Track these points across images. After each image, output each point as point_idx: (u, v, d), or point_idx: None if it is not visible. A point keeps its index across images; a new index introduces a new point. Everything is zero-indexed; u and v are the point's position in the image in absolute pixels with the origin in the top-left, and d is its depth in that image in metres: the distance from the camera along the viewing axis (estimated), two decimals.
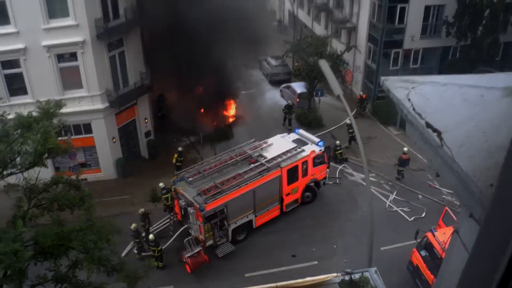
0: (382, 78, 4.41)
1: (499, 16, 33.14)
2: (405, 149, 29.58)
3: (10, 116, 15.62)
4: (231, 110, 37.62)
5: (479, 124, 3.57)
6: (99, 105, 28.52)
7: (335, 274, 9.00)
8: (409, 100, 3.98)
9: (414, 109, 3.85)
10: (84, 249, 13.60)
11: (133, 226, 23.97)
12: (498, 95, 3.85)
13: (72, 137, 28.11)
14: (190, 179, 24.30)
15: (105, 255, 14.01)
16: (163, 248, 23.78)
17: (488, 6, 32.44)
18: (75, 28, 26.48)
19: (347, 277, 8.75)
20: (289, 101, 37.69)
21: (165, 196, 25.26)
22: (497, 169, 3.15)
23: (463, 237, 4.37)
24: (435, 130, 3.56)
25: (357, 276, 8.76)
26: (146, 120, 32.62)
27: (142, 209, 25.13)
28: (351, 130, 32.11)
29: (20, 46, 26.40)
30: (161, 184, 25.71)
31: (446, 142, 3.44)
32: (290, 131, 32.69)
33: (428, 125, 3.63)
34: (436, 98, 3.92)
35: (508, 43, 35.89)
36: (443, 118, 3.70)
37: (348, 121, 32.66)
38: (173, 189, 24.81)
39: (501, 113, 3.66)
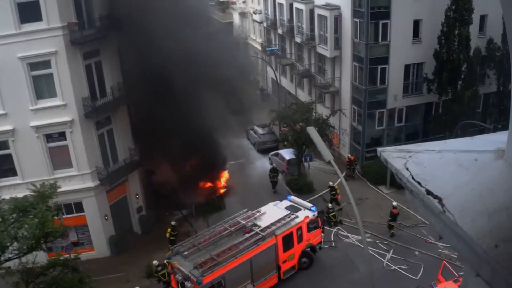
0: (379, 149, 4.63)
1: (476, 69, 34.32)
2: (394, 203, 30.11)
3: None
4: (222, 181, 37.73)
5: (475, 188, 3.77)
6: (90, 183, 28.57)
7: None
8: (407, 169, 4.18)
9: (413, 178, 4.05)
10: None
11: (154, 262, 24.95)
12: (490, 157, 4.09)
13: (63, 216, 27.92)
14: (185, 252, 24.17)
15: None
16: None
17: (465, 61, 33.59)
18: (63, 108, 26.91)
19: None
20: (273, 165, 38.04)
21: (161, 273, 24.99)
22: (499, 230, 3.34)
23: None
24: (436, 197, 3.75)
25: None
26: (138, 196, 32.61)
27: (155, 261, 25.48)
28: (333, 193, 32.62)
29: (8, 127, 26.69)
30: (154, 262, 25.50)
31: (448, 208, 3.62)
32: (274, 193, 33.93)
33: (429, 192, 3.82)
34: (432, 166, 4.14)
35: (487, 94, 36.98)
36: (442, 184, 3.90)
37: (330, 184, 32.93)
38: (168, 264, 24.58)
39: (494, 176, 3.88)
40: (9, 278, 15.54)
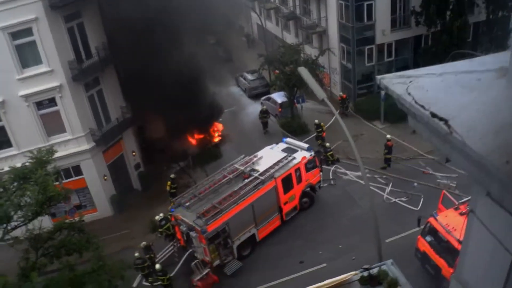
0: (378, 77, 4.57)
1: None
2: (388, 136, 30.49)
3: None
4: (216, 130, 37.72)
5: (480, 107, 3.73)
6: (85, 146, 28.51)
7: (353, 273, 9.11)
8: (409, 94, 4.13)
9: (416, 102, 4.00)
10: None
11: (136, 254, 24.18)
12: (493, 76, 4.03)
13: (63, 181, 28.00)
14: (187, 204, 24.37)
15: None
16: (171, 276, 23.76)
17: None
18: (50, 74, 26.53)
19: (365, 273, 8.88)
20: (264, 107, 38.13)
21: (165, 227, 25.23)
22: (508, 146, 3.31)
23: (480, 215, 4.52)
24: (441, 119, 3.71)
25: (375, 270, 8.89)
26: (134, 153, 32.66)
27: (143, 243, 25.10)
28: (319, 130, 32.91)
29: None
30: (157, 217, 25.67)
31: (455, 129, 3.58)
32: (265, 133, 35.12)
33: (434, 115, 3.78)
34: (435, 89, 4.08)
35: (477, 23, 36.46)
36: (446, 106, 3.85)
37: (316, 121, 33.05)
38: (170, 216, 24.84)
39: (499, 94, 3.83)
40: (18, 246, 15.69)
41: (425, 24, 34.74)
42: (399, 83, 4.34)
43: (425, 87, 4.16)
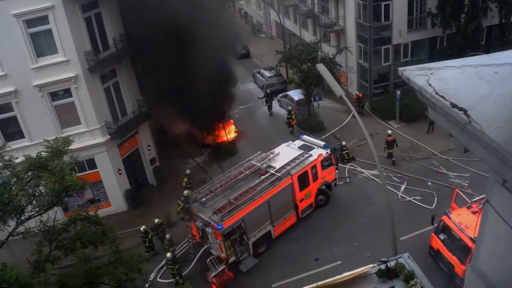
0: (400, 69, 4.77)
1: (478, 2, 34.19)
2: (389, 131, 31.32)
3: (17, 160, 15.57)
4: (232, 126, 37.97)
5: (498, 98, 3.92)
6: (100, 139, 28.33)
7: (371, 265, 9.28)
8: (430, 85, 4.33)
9: (437, 93, 4.20)
10: (116, 282, 13.22)
11: (142, 228, 25.57)
12: (509, 70, 4.22)
13: (77, 174, 27.98)
14: (203, 199, 24.40)
15: (139, 284, 14.00)
16: (181, 266, 23.98)
17: None
18: (66, 64, 26.22)
19: (383, 266, 9.05)
20: (267, 90, 39.03)
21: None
22: None
23: (495, 205, 4.70)
24: (461, 109, 3.91)
25: (392, 263, 9.06)
26: (149, 147, 32.71)
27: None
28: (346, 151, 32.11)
29: (10, 89, 25.97)
30: (186, 192, 24.97)
31: (474, 118, 3.78)
32: (291, 133, 35.17)
33: (454, 105, 3.98)
34: (455, 80, 4.28)
35: (490, 27, 36.95)
36: (465, 97, 4.05)
37: (343, 143, 32.54)
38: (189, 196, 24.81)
39: None
40: (31, 238, 15.69)
41: (441, 25, 35.03)
42: (420, 75, 4.53)
43: (445, 78, 4.36)
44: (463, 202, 21.62)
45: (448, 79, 4.31)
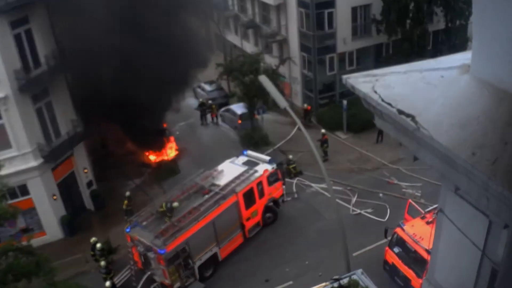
0: (344, 76, 4.77)
1: (423, 7, 35.12)
2: (323, 130, 32.77)
3: None
4: (173, 143, 37.64)
5: (445, 102, 3.97)
6: (33, 163, 27.46)
7: (323, 284, 9.27)
8: (375, 92, 4.34)
9: (383, 100, 4.21)
10: None
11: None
12: (456, 73, 4.28)
13: (7, 202, 27.07)
14: (144, 223, 24.11)
15: None
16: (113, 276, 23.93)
17: (412, 0, 34.32)
18: None
19: (336, 284, 9.04)
20: (200, 99, 40.08)
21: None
22: (473, 139, 3.53)
23: (449, 213, 4.75)
24: (408, 115, 3.92)
25: (345, 281, 9.07)
26: (86, 170, 31.96)
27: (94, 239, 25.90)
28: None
29: None
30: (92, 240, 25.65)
31: (422, 124, 3.80)
32: (212, 122, 37.33)
33: (401, 112, 3.99)
34: (401, 86, 4.31)
35: (436, 32, 38.08)
36: (412, 103, 4.07)
37: (290, 157, 32.82)
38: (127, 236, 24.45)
39: (462, 89, 4.07)
40: None
41: (386, 32, 35.82)
42: (365, 82, 4.54)
43: (391, 85, 4.38)
44: (416, 212, 21.98)
45: (394, 85, 4.34)
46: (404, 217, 22.52)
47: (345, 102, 34.38)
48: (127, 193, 30.16)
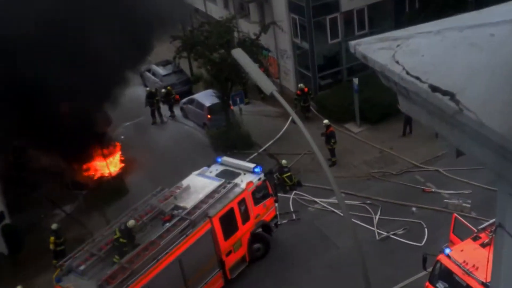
0: (352, 43, 4.71)
1: None
2: (326, 121, 32.84)
3: None
4: (117, 153, 37.54)
5: (497, 71, 3.91)
6: None
7: None
8: (397, 62, 4.28)
9: (408, 73, 4.15)
10: None
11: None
12: (510, 30, 4.23)
13: None
14: (81, 267, 23.91)
15: None
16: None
17: None
18: None
19: None
20: (147, 88, 40.60)
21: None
22: None
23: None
24: (446, 93, 3.86)
25: None
26: None
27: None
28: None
29: None
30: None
31: (465, 104, 3.74)
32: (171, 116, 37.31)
33: (435, 89, 3.92)
34: (433, 52, 4.25)
35: None
36: (451, 75, 4.01)
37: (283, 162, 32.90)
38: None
39: None
40: None
41: None
42: (382, 49, 4.49)
43: (419, 51, 4.33)
44: (466, 231, 21.90)
45: (423, 51, 4.29)
46: (449, 238, 22.50)
47: (356, 81, 34.24)
48: (54, 226, 29.92)
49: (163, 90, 41.33)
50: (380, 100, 32.99)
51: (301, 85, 38.31)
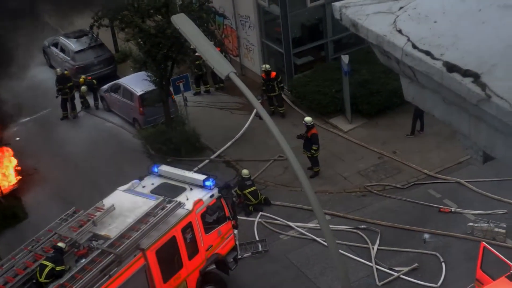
0: (337, 4, 4.72)
1: None
2: (308, 118, 32.46)
3: None
4: (11, 161, 37.37)
5: None
6: None
7: None
8: (400, 32, 4.30)
9: (415, 46, 4.17)
10: None
11: None
12: None
13: None
14: None
15: None
16: None
17: None
18: None
19: None
20: (57, 69, 40.77)
21: None
22: None
23: None
24: (467, 74, 3.88)
25: None
26: None
27: None
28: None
29: None
30: None
31: (493, 89, 3.76)
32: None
33: (452, 68, 3.95)
34: (450, 17, 4.28)
35: None
36: (472, 50, 4.04)
37: (245, 173, 32.85)
38: None
39: None
40: None
41: None
42: (379, 13, 4.51)
43: (429, 15, 4.36)
44: (499, 266, 21.92)
45: (436, 16, 4.32)
46: (476, 277, 22.58)
47: (345, 59, 34.19)
48: None
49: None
50: (380, 85, 33.08)
51: (265, 65, 37.69)
